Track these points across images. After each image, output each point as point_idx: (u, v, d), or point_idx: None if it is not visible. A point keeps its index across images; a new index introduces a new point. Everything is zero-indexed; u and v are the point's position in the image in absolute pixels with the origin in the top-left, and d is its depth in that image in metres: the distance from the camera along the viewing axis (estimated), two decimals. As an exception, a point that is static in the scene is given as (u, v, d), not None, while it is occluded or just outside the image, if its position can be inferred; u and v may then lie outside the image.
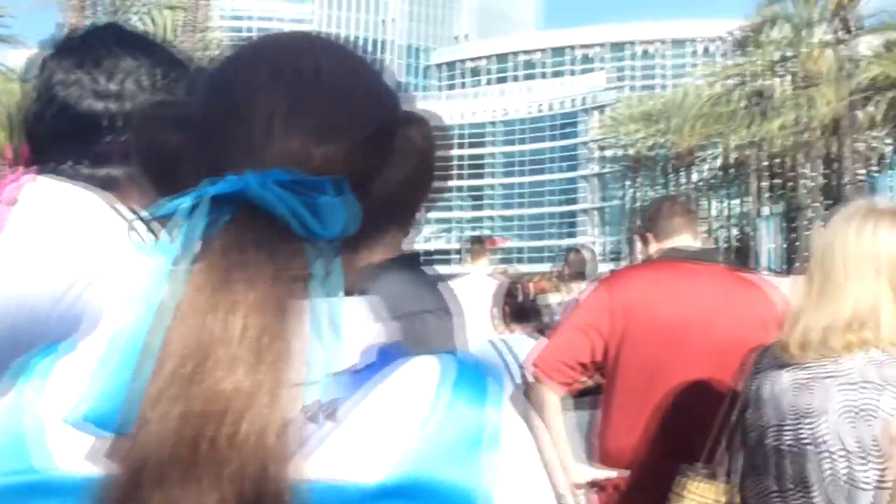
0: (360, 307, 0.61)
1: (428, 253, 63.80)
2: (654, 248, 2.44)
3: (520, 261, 61.95)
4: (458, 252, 5.75)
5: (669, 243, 2.40)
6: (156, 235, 0.57)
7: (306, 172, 0.57)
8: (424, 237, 68.02)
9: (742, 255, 42.16)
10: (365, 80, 0.65)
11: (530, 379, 2.38)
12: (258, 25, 70.21)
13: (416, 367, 0.58)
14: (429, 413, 0.55)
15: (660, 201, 2.67)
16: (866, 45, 37.80)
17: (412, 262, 2.07)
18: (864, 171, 38.48)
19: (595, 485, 2.33)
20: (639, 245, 2.53)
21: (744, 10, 42.55)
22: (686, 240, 2.41)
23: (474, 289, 4.86)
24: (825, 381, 1.54)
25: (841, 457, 1.50)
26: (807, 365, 1.57)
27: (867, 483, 1.48)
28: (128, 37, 1.34)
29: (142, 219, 0.62)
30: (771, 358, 1.66)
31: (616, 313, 2.28)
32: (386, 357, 0.59)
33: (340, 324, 0.57)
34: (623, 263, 30.82)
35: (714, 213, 56.48)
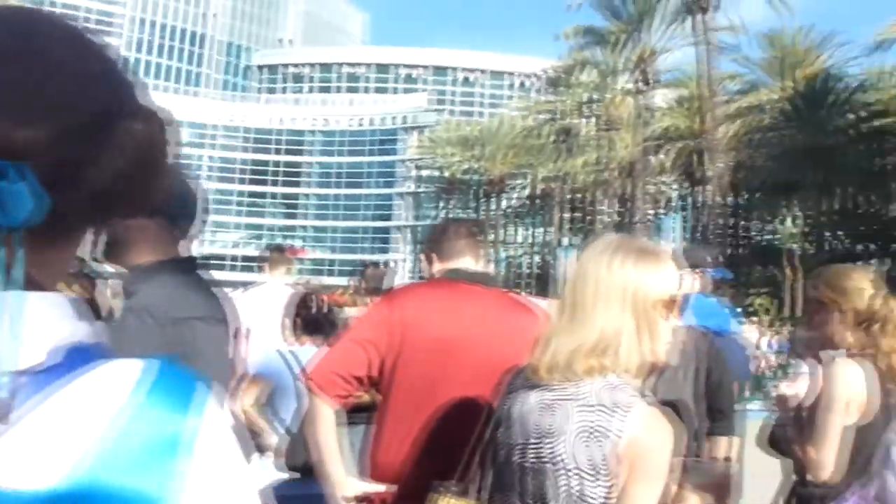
0: (50, 304, 0.57)
1: (235, 259, 61.66)
2: (437, 267, 2.48)
3: (331, 273, 61.45)
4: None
5: (451, 264, 2.45)
6: None
7: (6, 155, 0.53)
8: (234, 242, 66.04)
9: (542, 282, 44.43)
10: (84, 65, 0.60)
11: (304, 391, 2.35)
12: (62, 1, 65.14)
13: (110, 371, 0.56)
14: (115, 418, 0.53)
15: (446, 223, 2.73)
16: (661, 97, 41.44)
17: (187, 267, 1.99)
18: (652, 212, 41.98)
19: (364, 499, 2.33)
20: (424, 264, 2.58)
21: (557, 52, 45.27)
22: (468, 262, 2.47)
23: (268, 298, 4.73)
24: (566, 403, 1.62)
25: (575, 475, 1.57)
26: (552, 387, 1.64)
27: (594, 499, 1.56)
28: None
29: None
30: (523, 379, 1.72)
31: (394, 329, 2.29)
32: (78, 358, 0.56)
33: (21, 320, 0.53)
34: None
35: (520, 239, 59.20)
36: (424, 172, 60.87)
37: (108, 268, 2.22)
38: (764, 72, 39.48)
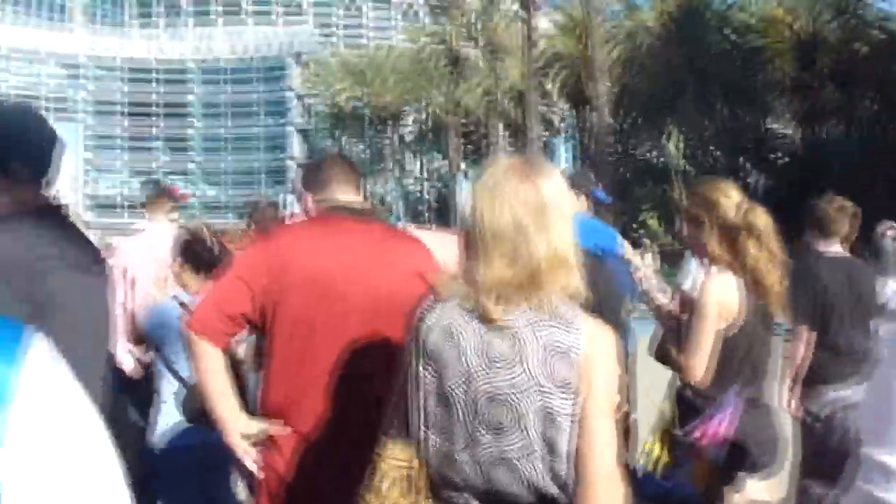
0: None
1: (124, 201, 58.95)
2: (314, 204, 2.44)
3: (226, 214, 59.67)
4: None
5: (328, 199, 2.41)
6: None
7: None
8: (123, 182, 62.82)
9: (442, 212, 44.66)
10: None
11: (186, 334, 2.29)
12: None
13: None
14: None
15: (320, 159, 2.68)
16: (546, 21, 41.52)
17: (46, 214, 1.88)
18: (546, 135, 42.59)
19: (259, 440, 2.31)
20: (301, 202, 2.53)
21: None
22: (345, 196, 2.43)
23: (152, 242, 4.55)
24: (518, 327, 1.60)
25: (544, 393, 1.57)
26: (492, 314, 1.60)
27: (565, 415, 1.58)
28: None
29: None
30: (443, 311, 1.66)
31: (272, 269, 2.25)
32: None
33: None
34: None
35: (416, 170, 59.04)
36: (315, 106, 59.41)
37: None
38: (643, -7, 40.20)
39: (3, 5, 63.46)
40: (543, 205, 1.62)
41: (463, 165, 46.39)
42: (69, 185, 38.00)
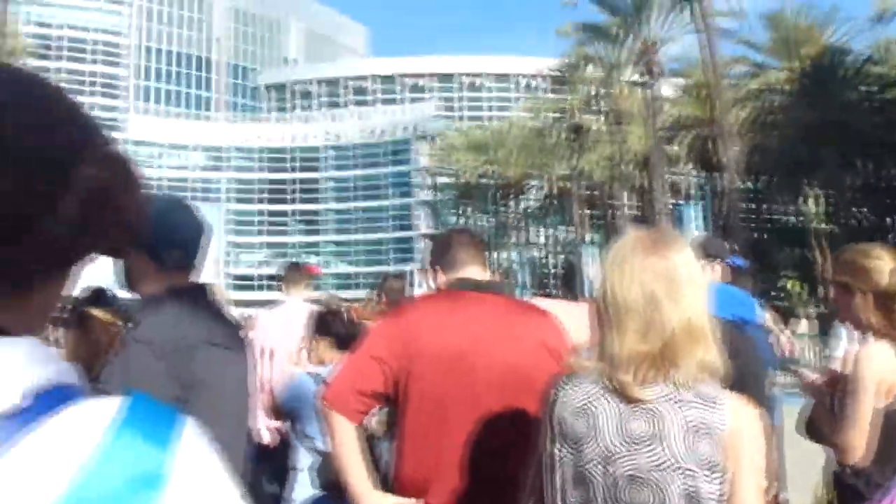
0: (19, 348, 0.57)
1: (261, 278, 62.10)
2: (443, 279, 2.48)
3: (356, 286, 61.53)
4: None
5: (456, 274, 2.44)
6: None
7: None
8: (259, 261, 66.43)
9: (568, 281, 44.14)
10: (37, 115, 0.60)
11: (321, 409, 2.33)
12: (68, 34, 66.04)
13: (83, 411, 0.55)
14: (88, 458, 0.53)
15: (448, 234, 2.72)
16: (669, 87, 41.10)
17: (194, 294, 1.99)
18: (672, 202, 41.69)
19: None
20: (430, 278, 2.56)
21: (559, 50, 45.15)
22: (472, 271, 2.45)
23: (288, 317, 4.73)
24: (660, 405, 1.55)
25: (689, 475, 1.51)
26: (631, 392, 1.56)
27: (711, 497, 1.51)
28: None
29: None
30: (578, 388, 1.63)
31: (402, 343, 2.27)
32: (50, 400, 0.55)
33: None
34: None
35: (541, 240, 59.00)
36: (440, 180, 60.93)
37: (127, 297, 2.24)
38: (768, 54, 39.10)
39: (156, 102, 69.67)
40: (673, 276, 1.59)
41: (588, 234, 45.96)
42: (213, 264, 40.41)
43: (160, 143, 64.63)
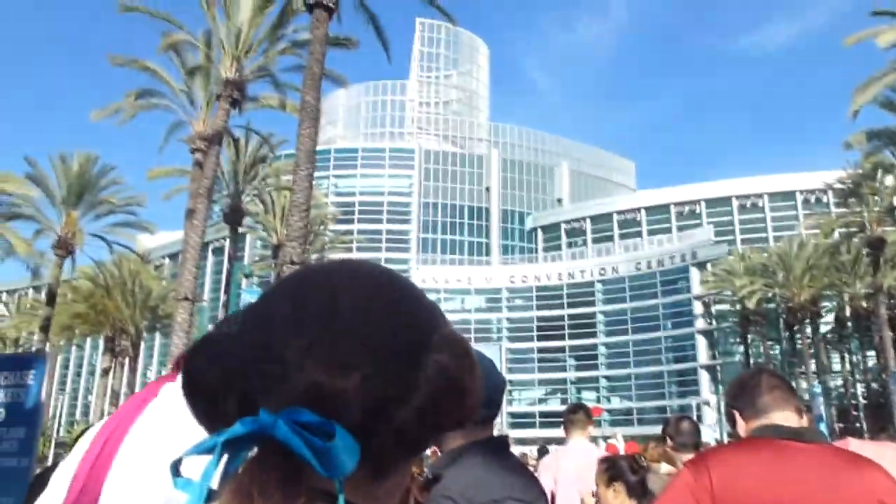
0: None
1: (542, 415, 62.26)
2: (747, 426, 2.26)
3: (633, 423, 59.33)
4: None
5: (762, 421, 2.22)
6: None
7: (319, 405, 0.56)
8: (539, 398, 66.84)
9: (878, 415, 38.79)
10: (387, 307, 0.63)
11: None
12: (363, 199, 74.56)
13: None
14: None
15: (749, 375, 2.44)
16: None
17: (495, 447, 2.04)
18: None
19: None
20: (730, 422, 2.34)
21: (839, 161, 41.80)
22: (784, 417, 2.21)
23: (578, 461, 4.66)
24: None
25: None
26: None
27: None
28: None
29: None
30: None
31: (702, 499, 2.09)
32: None
33: None
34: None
35: (837, 368, 53.08)
36: (719, 307, 57.93)
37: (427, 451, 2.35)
38: None
39: (439, 252, 75.42)
40: None
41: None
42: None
43: (441, 289, 68.98)
